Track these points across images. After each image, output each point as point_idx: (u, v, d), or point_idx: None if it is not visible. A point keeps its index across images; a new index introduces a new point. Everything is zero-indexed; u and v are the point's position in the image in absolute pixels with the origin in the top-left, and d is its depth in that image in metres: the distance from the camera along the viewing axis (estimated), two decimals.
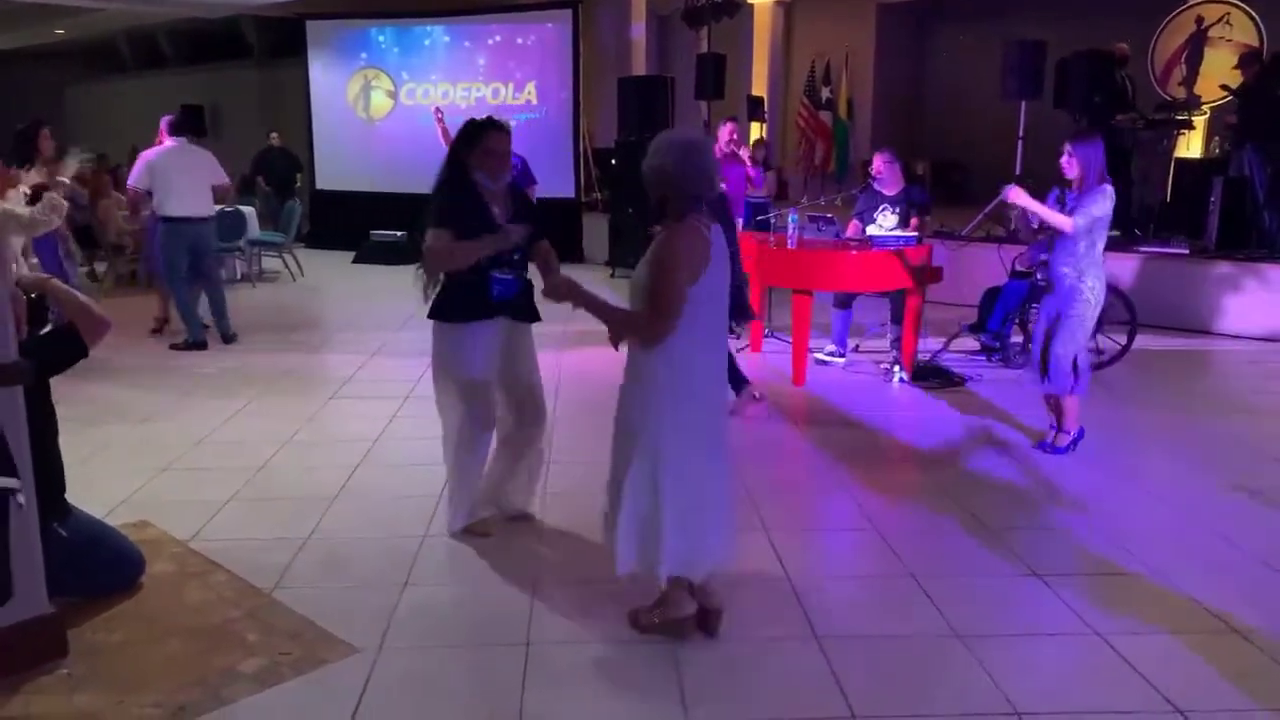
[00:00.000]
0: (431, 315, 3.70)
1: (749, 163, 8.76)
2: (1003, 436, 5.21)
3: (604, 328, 3.01)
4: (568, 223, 11.88)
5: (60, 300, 3.11)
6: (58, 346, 3.07)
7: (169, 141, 7.22)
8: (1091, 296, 4.66)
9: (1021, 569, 3.56)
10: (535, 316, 3.84)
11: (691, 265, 2.81)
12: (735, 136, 8.86)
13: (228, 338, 7.42)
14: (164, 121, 7.32)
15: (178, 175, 7.08)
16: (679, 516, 2.89)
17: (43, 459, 2.94)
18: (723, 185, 3.21)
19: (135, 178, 7.16)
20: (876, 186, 6.73)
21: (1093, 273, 4.64)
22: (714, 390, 3.03)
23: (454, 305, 3.66)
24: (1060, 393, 4.82)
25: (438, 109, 7.42)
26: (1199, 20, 10.42)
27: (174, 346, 7.24)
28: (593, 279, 6.87)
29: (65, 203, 5.63)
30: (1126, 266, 8.19)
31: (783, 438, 5.28)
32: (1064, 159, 4.66)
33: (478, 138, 3.61)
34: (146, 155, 7.19)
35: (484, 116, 3.71)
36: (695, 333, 2.86)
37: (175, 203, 7.08)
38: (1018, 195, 4.77)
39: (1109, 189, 4.58)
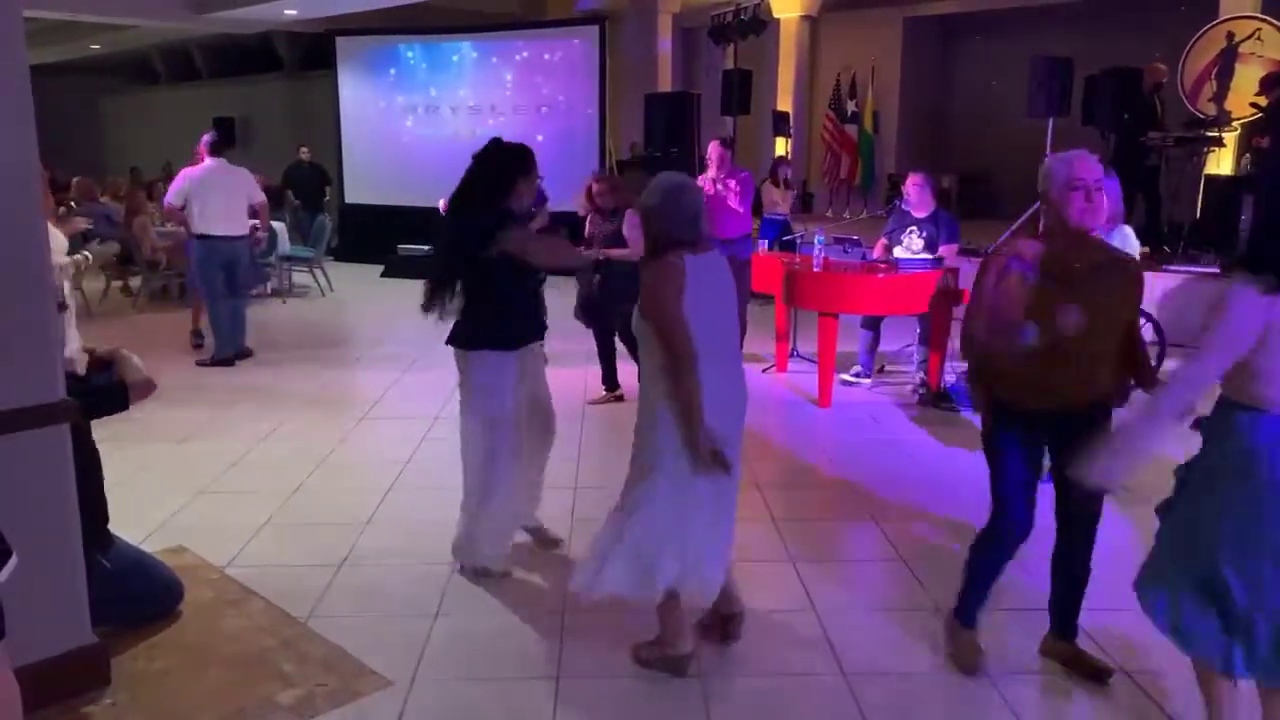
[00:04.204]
0: (479, 345, 3.58)
1: (733, 194, 6.93)
2: None
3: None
4: None
5: (124, 367, 3.29)
6: (105, 398, 3.22)
7: (208, 161, 7.35)
8: None
9: None
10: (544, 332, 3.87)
11: (677, 294, 2.85)
12: (722, 162, 7.01)
13: (241, 353, 7.48)
14: (203, 141, 7.48)
15: (214, 194, 7.23)
16: (660, 541, 2.91)
17: (86, 492, 3.03)
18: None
19: (172, 194, 7.32)
20: (905, 208, 6.72)
21: None
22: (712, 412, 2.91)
23: (508, 332, 3.62)
24: None
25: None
26: (1229, 35, 10.29)
27: (201, 363, 7.36)
28: None
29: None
30: (1156, 286, 8.11)
31: (808, 463, 5.30)
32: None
33: (530, 165, 3.64)
34: (186, 173, 7.33)
35: (515, 143, 3.70)
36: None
37: (210, 221, 7.23)
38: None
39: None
